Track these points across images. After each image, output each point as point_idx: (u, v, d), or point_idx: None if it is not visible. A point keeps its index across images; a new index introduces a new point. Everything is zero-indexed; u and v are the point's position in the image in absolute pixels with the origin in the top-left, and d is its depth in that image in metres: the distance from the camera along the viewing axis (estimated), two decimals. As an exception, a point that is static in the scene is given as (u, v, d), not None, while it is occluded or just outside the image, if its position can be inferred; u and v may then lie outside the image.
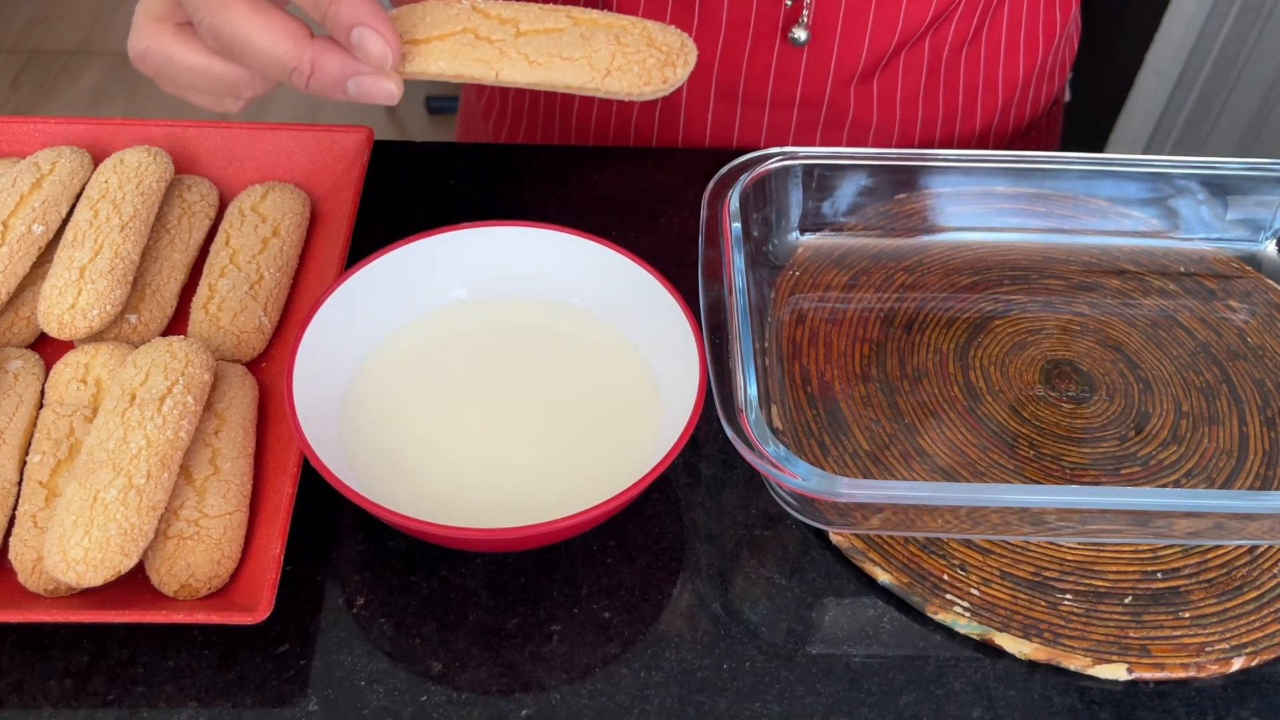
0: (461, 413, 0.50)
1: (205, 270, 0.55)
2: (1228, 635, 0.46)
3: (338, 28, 0.40)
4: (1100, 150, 1.57)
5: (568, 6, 0.42)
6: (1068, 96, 0.89)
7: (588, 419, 0.50)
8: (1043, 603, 0.47)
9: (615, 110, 0.73)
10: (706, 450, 0.53)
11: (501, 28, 0.41)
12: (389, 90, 0.42)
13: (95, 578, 0.42)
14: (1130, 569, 0.49)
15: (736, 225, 0.53)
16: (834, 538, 0.49)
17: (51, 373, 0.50)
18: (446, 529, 0.42)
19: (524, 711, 0.44)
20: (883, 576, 0.48)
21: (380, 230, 0.53)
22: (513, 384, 0.52)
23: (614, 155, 0.68)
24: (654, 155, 0.69)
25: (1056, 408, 0.55)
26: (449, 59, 0.41)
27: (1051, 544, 0.49)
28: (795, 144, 0.72)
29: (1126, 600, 0.48)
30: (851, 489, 0.43)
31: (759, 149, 0.58)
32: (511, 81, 0.41)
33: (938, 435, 0.53)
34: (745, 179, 0.56)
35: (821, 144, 0.73)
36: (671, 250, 0.62)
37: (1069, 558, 0.49)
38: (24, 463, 0.47)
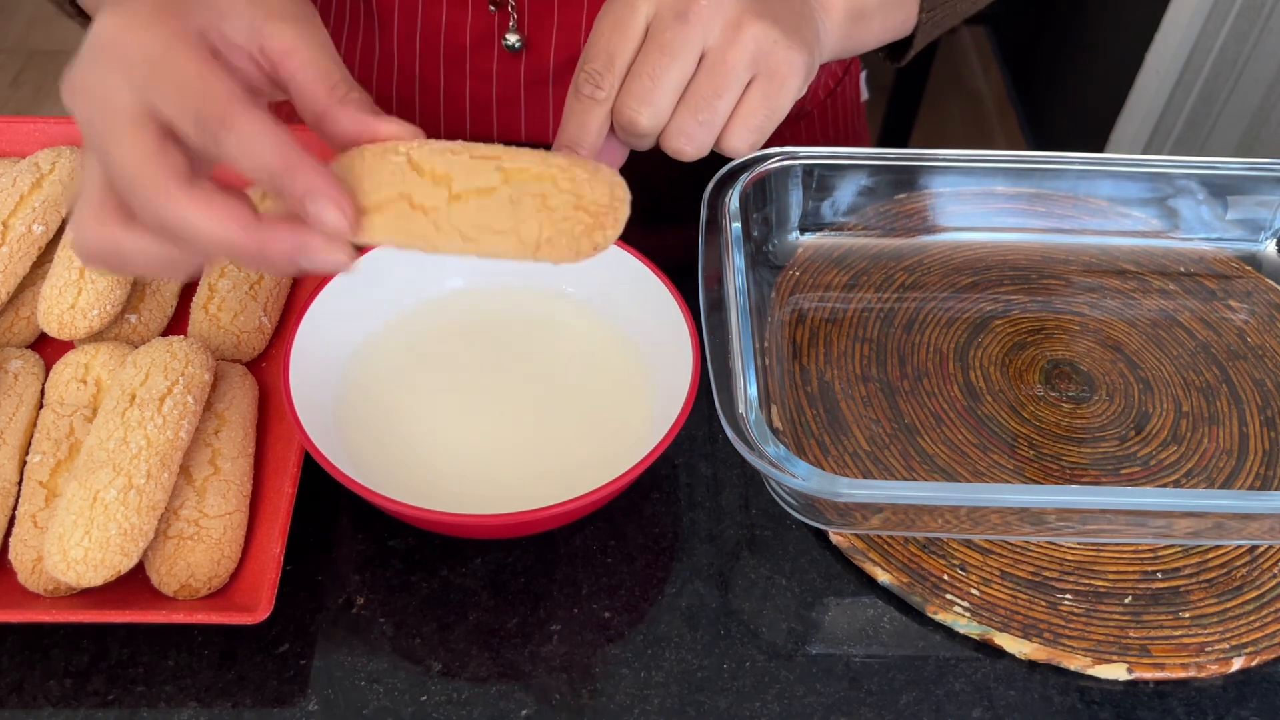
0: (457, 401, 0.51)
1: (205, 270, 0.55)
2: (1228, 635, 0.46)
3: (291, 196, 0.38)
4: (1100, 150, 1.57)
5: (498, 153, 0.40)
6: (865, 95, 0.87)
7: (583, 408, 0.51)
8: (1043, 603, 0.47)
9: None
10: (706, 450, 0.53)
11: (435, 190, 0.39)
12: (339, 261, 0.39)
13: (95, 578, 0.42)
14: (1130, 569, 0.49)
15: (736, 225, 0.53)
16: (834, 538, 0.49)
17: (51, 373, 0.50)
18: (441, 515, 0.42)
19: (524, 711, 0.44)
20: (883, 576, 0.48)
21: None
22: (509, 374, 0.52)
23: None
24: (654, 155, 0.69)
25: (1056, 408, 0.55)
26: (386, 233, 0.40)
27: (1051, 544, 0.49)
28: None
29: (1126, 600, 0.48)
30: (851, 489, 0.43)
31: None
32: (446, 253, 0.40)
33: (938, 435, 0.53)
34: (745, 179, 0.56)
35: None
36: (671, 250, 0.62)
37: (1069, 558, 0.49)
38: (24, 463, 0.47)
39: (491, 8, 0.69)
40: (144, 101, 0.37)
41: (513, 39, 0.69)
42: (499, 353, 0.53)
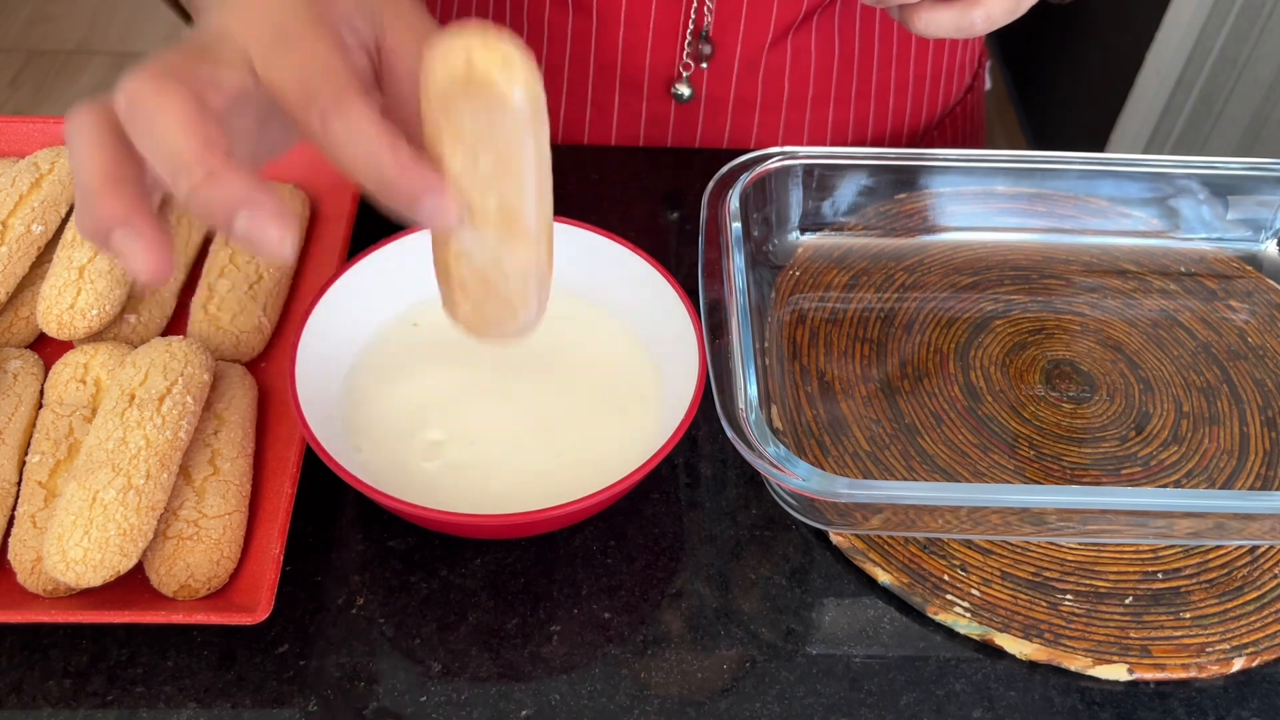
0: (462, 402, 0.50)
1: (205, 270, 0.55)
2: (1228, 636, 0.46)
3: (399, 195, 0.35)
4: (1100, 150, 1.57)
5: None
6: (988, 84, 0.89)
7: (588, 409, 0.50)
8: (1043, 603, 0.47)
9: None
10: (706, 450, 0.52)
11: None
12: (283, 242, 0.34)
13: (94, 578, 0.42)
14: (1131, 569, 0.49)
15: (736, 225, 0.53)
16: (834, 538, 0.49)
17: (51, 373, 0.50)
18: (445, 514, 0.42)
19: (524, 712, 0.44)
20: (883, 577, 0.48)
21: (380, 230, 0.53)
22: (514, 374, 0.52)
23: (614, 155, 0.68)
24: (654, 155, 0.69)
25: (1057, 408, 0.55)
26: None
27: (1052, 544, 0.49)
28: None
29: (1127, 601, 0.47)
30: (851, 489, 0.43)
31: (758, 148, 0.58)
32: None
33: (938, 435, 0.53)
34: (745, 179, 0.56)
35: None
36: (671, 250, 0.62)
37: (1069, 558, 0.49)
38: (23, 463, 0.47)
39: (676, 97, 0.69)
40: (254, 68, 0.36)
41: (683, 89, 0.70)
42: (505, 354, 0.52)
